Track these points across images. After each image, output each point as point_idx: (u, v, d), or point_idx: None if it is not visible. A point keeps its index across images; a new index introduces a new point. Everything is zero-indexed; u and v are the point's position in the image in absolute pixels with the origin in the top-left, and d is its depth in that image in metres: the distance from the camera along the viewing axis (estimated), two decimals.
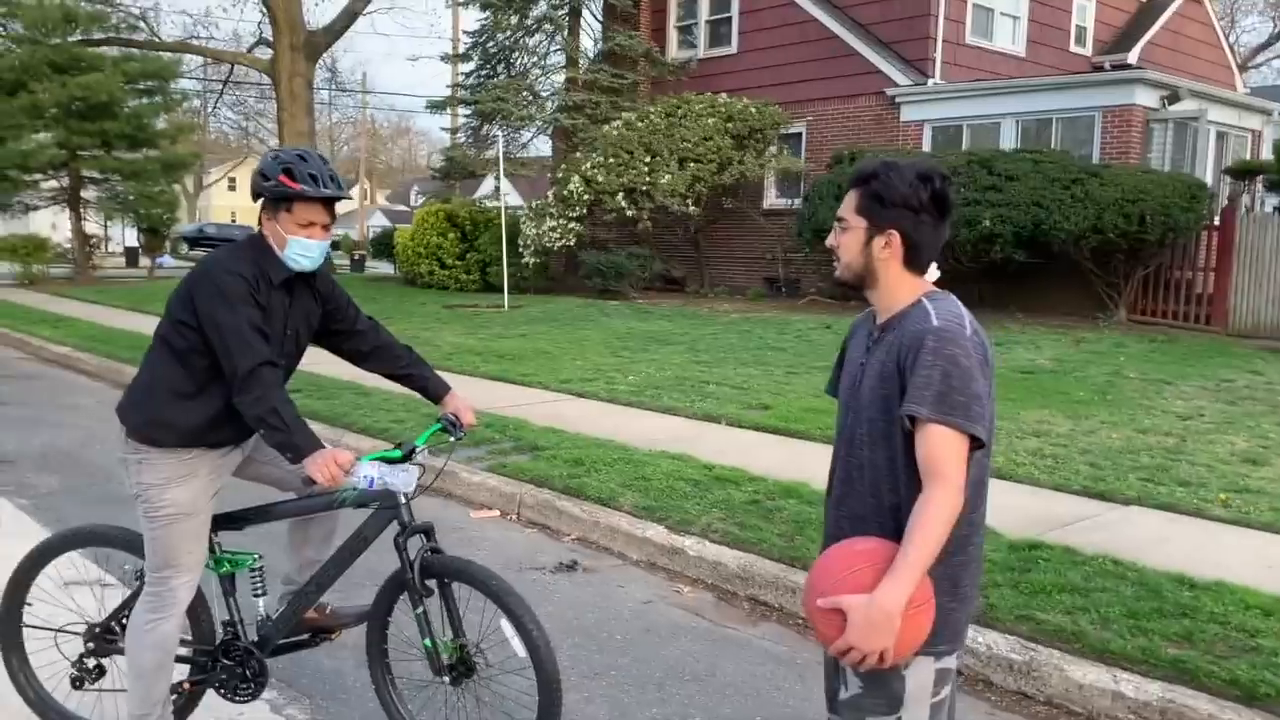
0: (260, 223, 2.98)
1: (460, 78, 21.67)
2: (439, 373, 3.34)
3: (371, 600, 3.20)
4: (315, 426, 3.14)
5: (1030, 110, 16.31)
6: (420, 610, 2.97)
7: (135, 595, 3.11)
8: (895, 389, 2.12)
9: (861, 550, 2.07)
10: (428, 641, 2.99)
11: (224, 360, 2.76)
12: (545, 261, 19.07)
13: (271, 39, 25.91)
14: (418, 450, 3.04)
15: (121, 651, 3.14)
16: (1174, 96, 15.42)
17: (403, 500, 2.98)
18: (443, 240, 20.42)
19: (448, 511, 6.17)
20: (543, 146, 22.60)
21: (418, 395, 3.31)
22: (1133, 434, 7.56)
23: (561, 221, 17.72)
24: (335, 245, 47.01)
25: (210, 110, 43.63)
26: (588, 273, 17.86)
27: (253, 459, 3.15)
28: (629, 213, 17.35)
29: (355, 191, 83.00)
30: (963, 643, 2.23)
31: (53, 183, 25.33)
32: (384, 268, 33.34)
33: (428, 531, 3.05)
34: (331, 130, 68.16)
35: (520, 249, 18.39)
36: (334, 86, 45.41)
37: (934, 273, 2.53)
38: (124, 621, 3.17)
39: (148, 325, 14.68)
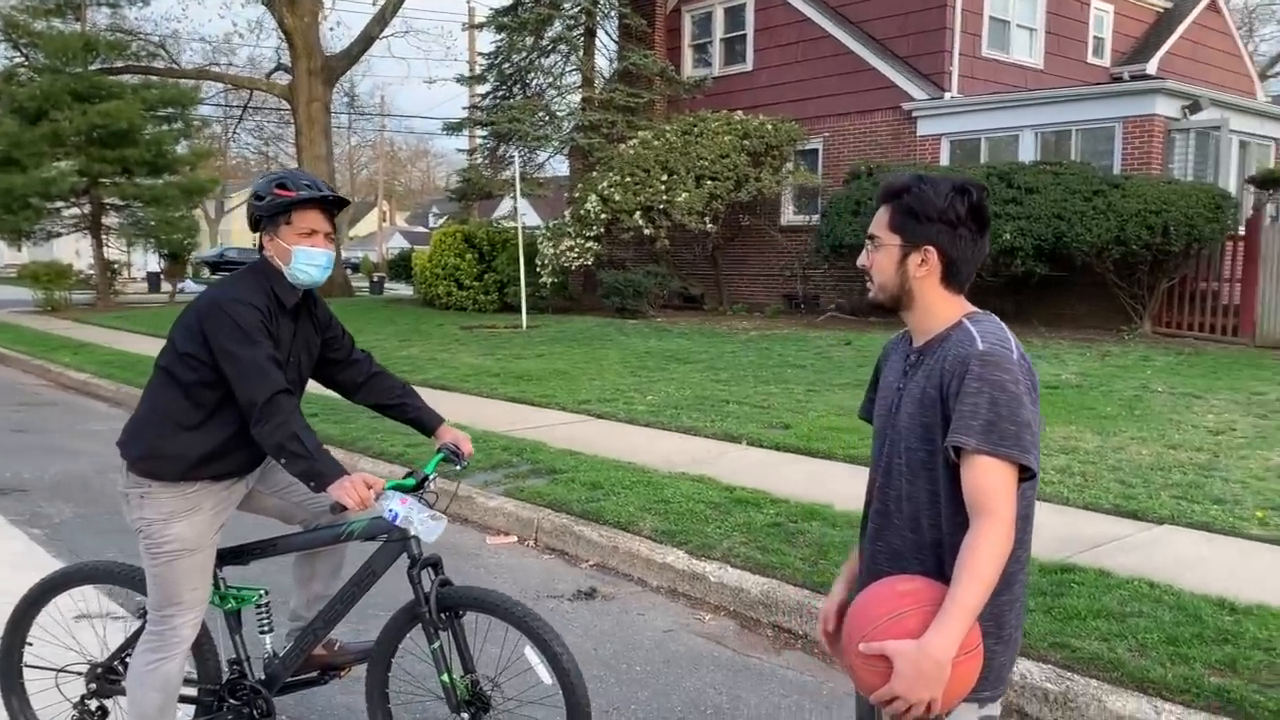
0: (261, 248, 2.90)
1: (476, 99, 21.70)
2: (456, 395, 3.25)
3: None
4: (331, 450, 3.06)
5: (1049, 122, 16.17)
6: (437, 645, 2.87)
7: (138, 634, 3.02)
8: (936, 417, 2.00)
9: (905, 591, 1.94)
10: (445, 677, 2.88)
11: (240, 391, 2.68)
12: (563, 281, 19.02)
13: (290, 64, 26.10)
14: (430, 479, 2.95)
15: (124, 692, 3.04)
16: (1195, 106, 15.24)
17: (412, 536, 2.89)
18: (460, 261, 20.41)
19: (463, 538, 6.07)
20: (559, 166, 22.62)
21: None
22: (1163, 450, 7.39)
23: (579, 241, 17.67)
24: (355, 267, 47.30)
25: (230, 135, 43.97)
26: (606, 292, 17.79)
27: (257, 491, 3.07)
28: (646, 231, 17.29)
29: (374, 214, 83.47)
30: (1006, 688, 2.10)
31: (74, 210, 25.52)
32: (402, 289, 33.42)
33: (436, 564, 2.96)
34: (350, 154, 68.69)
35: (538, 269, 18.35)
36: (352, 110, 45.62)
37: None
38: (127, 660, 3.08)
39: None
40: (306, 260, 2.85)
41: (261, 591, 3.10)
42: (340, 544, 3.06)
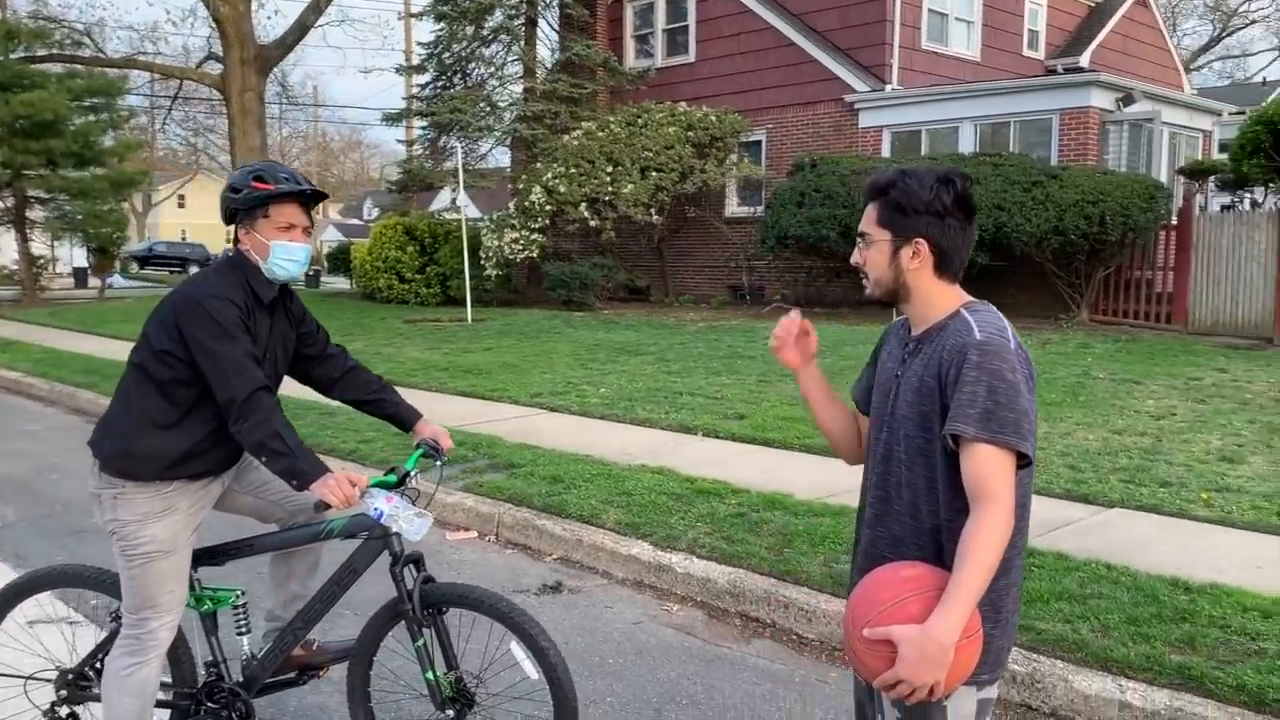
0: (236, 242, 2.83)
1: (416, 89, 21.44)
2: (405, 390, 3.21)
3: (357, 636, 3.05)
4: None
5: (988, 114, 16.45)
6: (421, 642, 2.83)
7: (111, 638, 2.95)
8: (935, 405, 2.02)
9: (908, 577, 1.96)
10: (430, 674, 2.86)
11: (219, 388, 2.62)
12: (507, 274, 18.89)
13: (222, 54, 25.52)
14: (411, 475, 2.91)
15: (96, 698, 2.96)
16: (1128, 98, 15.61)
17: (393, 533, 2.85)
18: (401, 254, 20.17)
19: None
20: (501, 157, 22.47)
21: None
22: (1108, 435, 7.57)
23: (524, 233, 17.57)
24: None
25: (160, 127, 42.88)
26: (552, 284, 17.72)
27: (233, 490, 3.00)
28: (592, 223, 17.25)
29: None
30: (1003, 671, 2.14)
31: None
32: (339, 283, 32.95)
33: (418, 561, 2.92)
34: (282, 145, 67.47)
35: (482, 261, 18.21)
36: (285, 100, 44.78)
37: None
38: (98, 666, 3.00)
39: (101, 348, 14.31)
40: (285, 255, 2.79)
41: (238, 592, 3.04)
42: (318, 543, 3.00)
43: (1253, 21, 51.00)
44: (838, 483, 6.35)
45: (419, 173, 20.48)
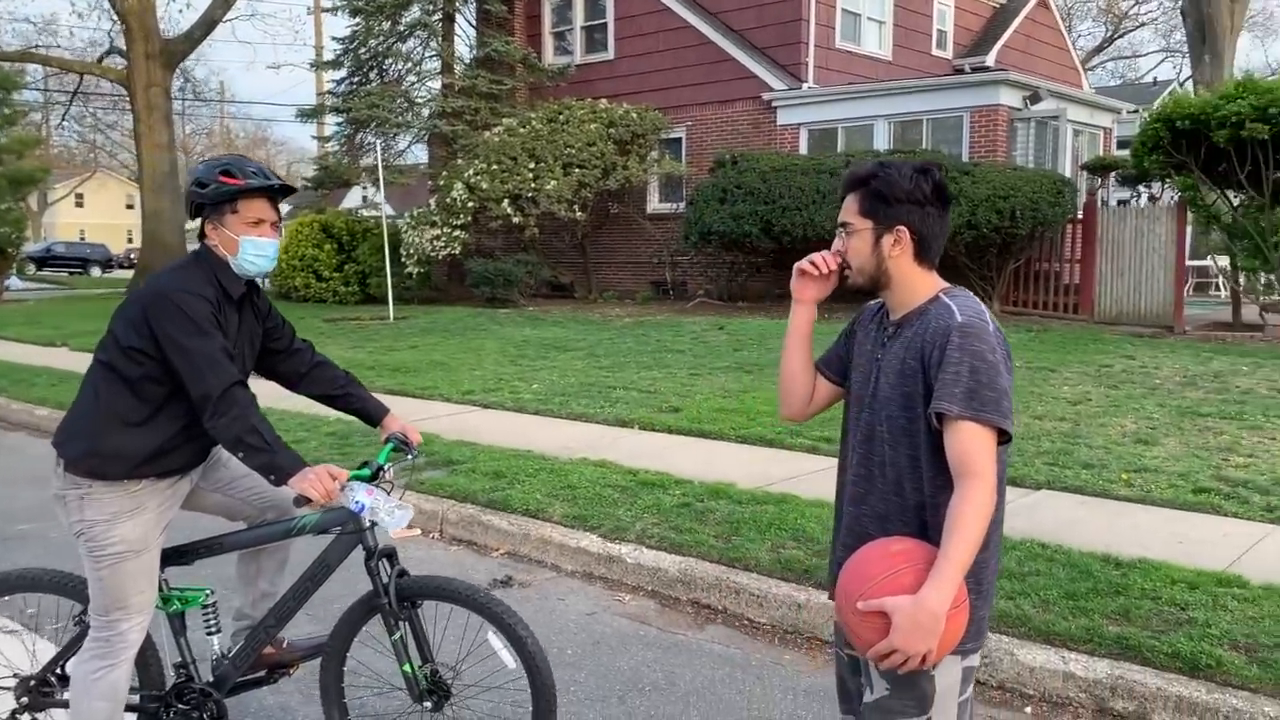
0: (203, 237, 2.80)
1: (331, 85, 21.08)
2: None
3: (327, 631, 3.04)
4: None
5: (901, 112, 16.84)
6: (397, 635, 2.84)
7: (75, 642, 2.88)
8: (918, 386, 2.10)
9: (898, 551, 2.04)
10: (407, 667, 2.86)
11: (193, 384, 2.59)
12: (428, 271, 18.71)
13: (125, 48, 24.74)
14: (385, 469, 2.91)
15: (60, 704, 2.90)
16: (1035, 97, 16.15)
17: (367, 527, 2.85)
18: (319, 252, 19.82)
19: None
20: (419, 154, 22.20)
21: (322, 414, 3.17)
22: (1030, 420, 7.85)
23: (446, 230, 17.42)
24: None
25: (60, 122, 41.25)
26: (475, 281, 17.61)
27: (200, 488, 2.96)
28: (515, 220, 17.19)
29: None
30: (984, 640, 2.23)
31: None
32: None
33: (391, 555, 2.93)
34: (185, 142, 65.52)
35: (403, 259, 18.00)
36: (192, 96, 43.52)
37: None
38: (60, 672, 2.93)
39: (5, 352, 13.78)
40: (255, 250, 2.76)
41: (206, 591, 3.00)
42: (287, 540, 2.98)
43: (1142, 24, 53.12)
44: (774, 472, 6.48)
45: (336, 169, 20.14)
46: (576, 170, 17.23)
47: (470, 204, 17.25)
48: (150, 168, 24.60)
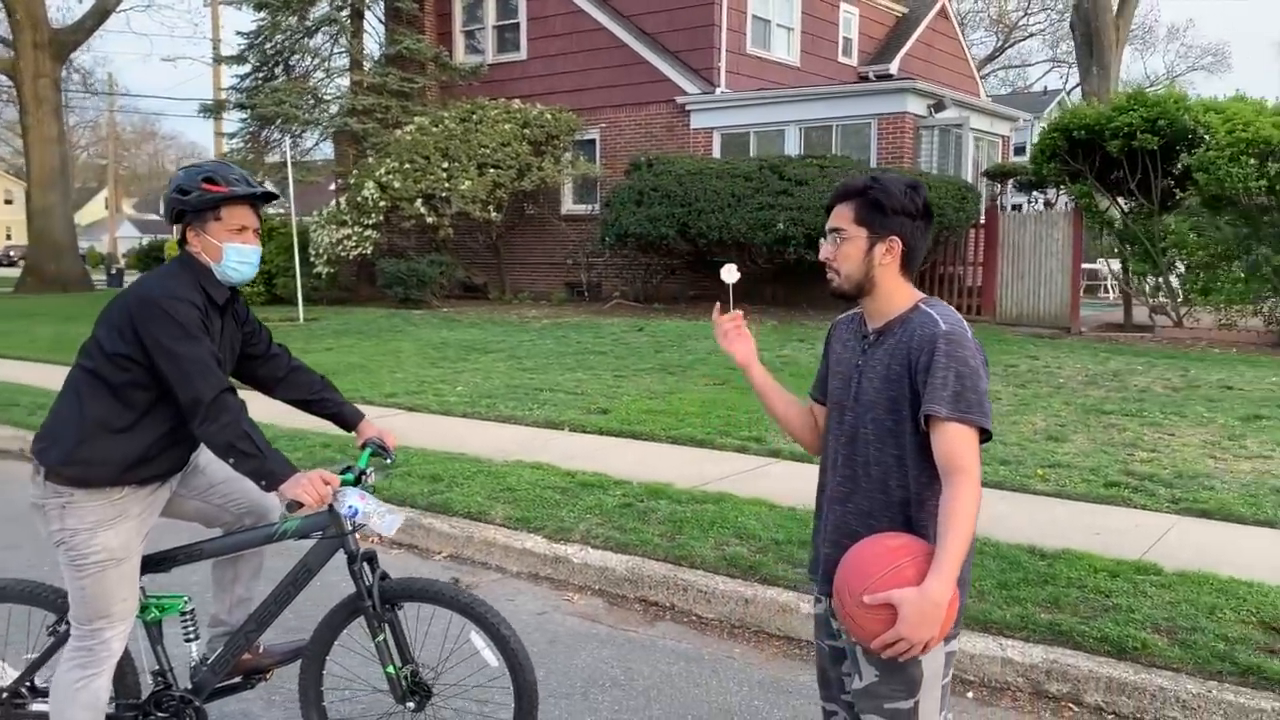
0: (184, 244, 2.79)
1: (234, 80, 20.57)
2: (246, 393, 3.20)
3: (302, 635, 3.06)
4: None
5: (811, 118, 17.24)
6: (381, 638, 2.87)
7: (49, 652, 2.84)
8: (904, 390, 2.23)
9: (897, 547, 2.15)
10: (390, 669, 2.89)
11: (183, 390, 2.58)
12: (336, 272, 18.40)
13: (11, 37, 23.73)
14: (367, 474, 2.94)
15: (34, 716, 2.85)
16: (940, 105, 16.70)
17: (350, 531, 2.88)
18: None
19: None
20: (327, 151, 21.78)
21: (300, 420, 3.18)
22: None
23: (357, 229, 17.18)
24: (83, 257, 43.51)
25: None
26: (388, 281, 17.40)
27: (178, 495, 2.94)
28: (429, 220, 17.05)
29: (97, 201, 76.85)
30: (961, 627, 2.38)
31: None
32: None
33: (372, 557, 2.96)
34: (69, 135, 63.02)
35: (312, 259, 17.68)
36: (82, 87, 41.86)
37: (734, 274, 2.72)
38: (32, 683, 2.88)
39: None
40: (238, 258, 2.77)
41: (184, 599, 2.98)
42: (264, 545, 2.99)
43: (1031, 35, 55.22)
44: (709, 472, 6.63)
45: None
46: (491, 170, 17.17)
47: (382, 203, 17.05)
48: (39, 163, 23.67)
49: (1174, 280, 14.50)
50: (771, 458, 7.05)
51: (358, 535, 2.92)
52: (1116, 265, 15.90)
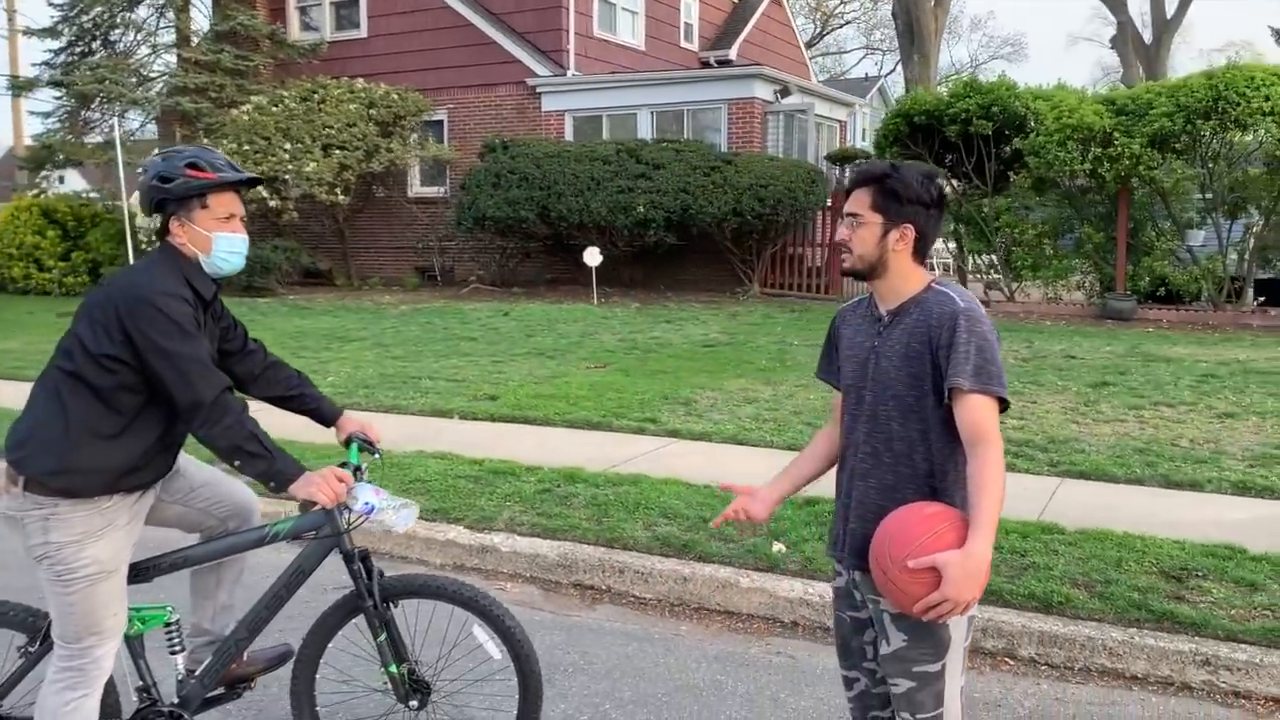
0: (166, 235, 2.63)
1: (48, 55, 19.07)
2: None
3: (280, 641, 2.96)
4: None
5: (663, 102, 17.43)
6: (383, 637, 2.81)
7: (20, 675, 2.64)
8: (924, 366, 2.33)
9: (934, 513, 2.25)
10: (392, 668, 2.83)
11: (181, 392, 2.43)
12: None
13: None
14: (362, 470, 2.86)
15: None
16: (785, 90, 17.20)
17: (345, 530, 2.80)
18: (40, 239, 18.00)
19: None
20: (156, 132, 20.53)
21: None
22: (825, 394, 8.48)
23: None
24: None
25: None
26: None
27: (160, 501, 2.78)
28: (272, 203, 16.36)
29: None
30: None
31: None
32: None
33: (367, 556, 2.88)
34: None
35: (142, 245, 16.67)
36: None
37: (596, 257, 2.83)
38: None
39: None
40: (228, 247, 2.63)
41: (168, 609, 2.82)
42: (247, 550, 2.86)
43: (848, 22, 57.38)
44: (614, 454, 6.68)
45: (60, 148, 18.29)
46: (337, 152, 16.61)
47: None
48: None
49: (1005, 257, 15.44)
50: (671, 438, 7.17)
51: (350, 535, 2.83)
52: (953, 244, 16.78)
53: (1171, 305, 13.81)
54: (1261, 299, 14.06)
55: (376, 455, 3.01)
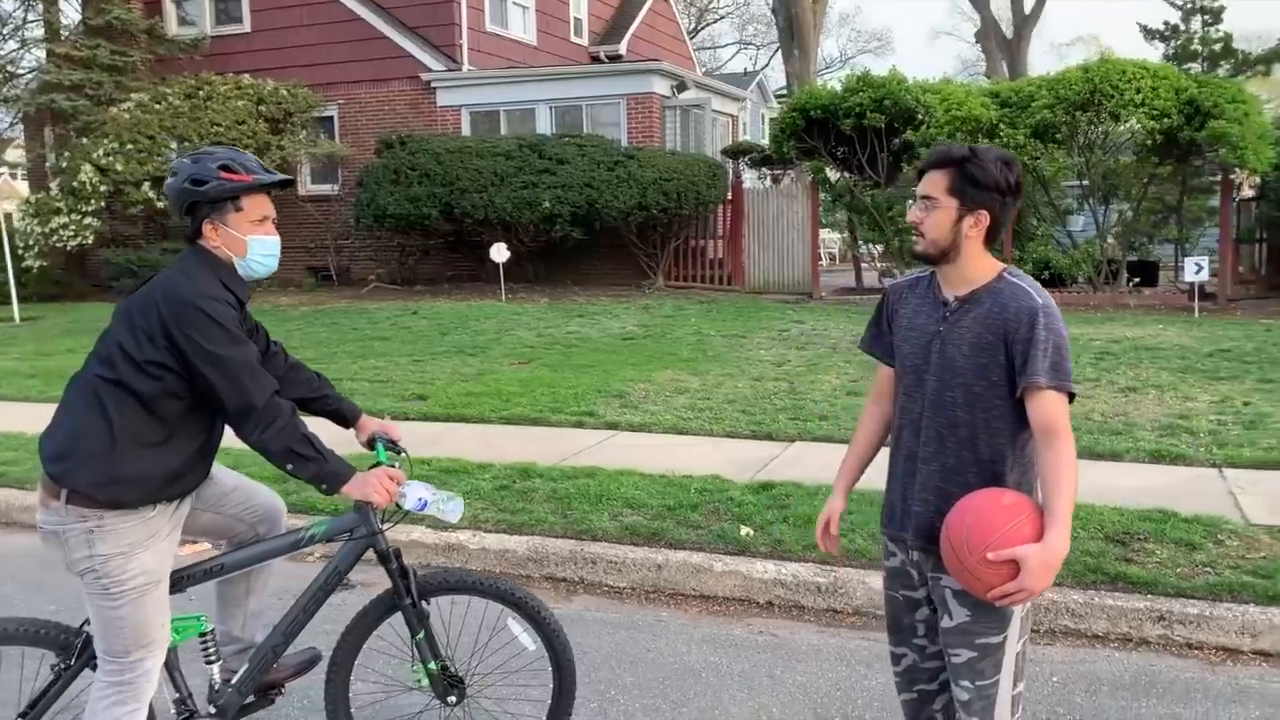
0: (198, 239, 2.59)
1: None
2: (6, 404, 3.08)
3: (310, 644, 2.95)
4: None
5: (561, 97, 17.43)
6: (421, 635, 2.83)
7: (48, 694, 2.57)
8: (996, 358, 2.36)
9: (1011, 505, 2.30)
10: (431, 665, 2.85)
11: (231, 397, 2.40)
12: (45, 266, 16.58)
13: None
14: (395, 468, 2.87)
15: None
16: (682, 85, 17.42)
17: (379, 530, 2.81)
18: None
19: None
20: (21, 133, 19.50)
21: None
22: (751, 382, 8.70)
23: (74, 217, 15.58)
24: None
25: None
26: (116, 273, 15.90)
27: (194, 509, 2.73)
28: (159, 204, 15.73)
29: None
30: None
31: None
32: None
33: (399, 555, 2.90)
34: None
35: (21, 252, 15.86)
36: None
37: (503, 253, 2.96)
38: None
39: None
40: (263, 250, 2.60)
41: (202, 619, 2.78)
42: (290, 553, 2.85)
43: (722, 17, 58.22)
44: (561, 448, 6.73)
45: None
46: None
47: (103, 188, 15.56)
48: None
49: (898, 246, 15.98)
50: (611, 430, 7.25)
51: (385, 533, 2.85)
52: (846, 234, 17.29)
53: (1055, 288, 14.54)
54: (1136, 280, 14.94)
55: (403, 454, 3.03)
